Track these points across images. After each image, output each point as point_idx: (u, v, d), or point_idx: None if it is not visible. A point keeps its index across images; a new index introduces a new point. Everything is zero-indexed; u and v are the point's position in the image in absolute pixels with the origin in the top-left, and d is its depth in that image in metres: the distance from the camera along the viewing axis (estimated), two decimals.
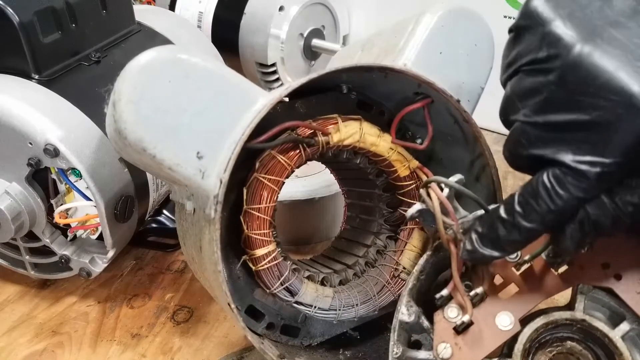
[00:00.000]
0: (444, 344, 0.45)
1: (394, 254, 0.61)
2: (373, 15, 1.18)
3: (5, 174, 0.63)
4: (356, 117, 0.56)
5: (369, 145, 0.56)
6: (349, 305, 0.59)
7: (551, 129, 0.39)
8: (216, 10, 1.09)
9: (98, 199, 0.61)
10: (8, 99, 0.60)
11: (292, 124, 0.53)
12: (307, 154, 0.54)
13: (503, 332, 0.45)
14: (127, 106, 0.45)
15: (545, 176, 0.39)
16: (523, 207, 0.40)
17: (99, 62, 0.69)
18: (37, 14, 0.62)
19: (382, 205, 0.63)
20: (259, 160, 0.53)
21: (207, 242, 0.48)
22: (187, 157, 0.46)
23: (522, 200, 0.40)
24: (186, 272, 0.76)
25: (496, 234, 0.42)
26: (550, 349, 0.47)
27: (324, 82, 0.55)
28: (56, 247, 0.67)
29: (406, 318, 0.46)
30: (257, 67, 1.09)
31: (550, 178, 0.39)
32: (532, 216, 0.40)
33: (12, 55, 0.63)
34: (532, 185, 0.40)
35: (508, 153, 0.43)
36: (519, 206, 0.41)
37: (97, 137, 0.63)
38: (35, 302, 0.73)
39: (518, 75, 0.41)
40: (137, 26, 0.78)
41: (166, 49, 0.48)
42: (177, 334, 0.68)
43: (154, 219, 0.78)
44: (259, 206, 0.53)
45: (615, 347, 0.45)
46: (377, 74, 0.54)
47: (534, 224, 0.40)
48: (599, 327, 0.46)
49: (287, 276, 0.55)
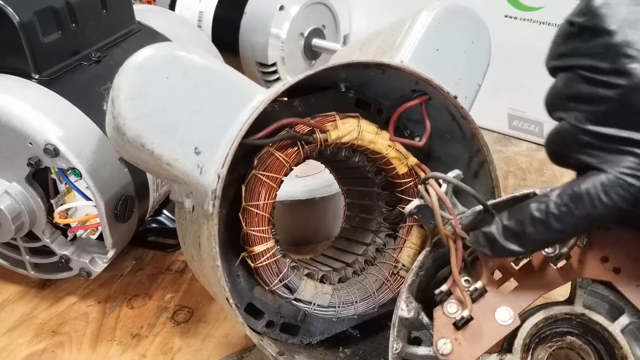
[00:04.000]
0: (443, 340, 0.45)
1: (393, 252, 0.61)
2: (374, 15, 1.18)
3: (5, 174, 0.63)
4: (354, 115, 0.56)
5: (367, 143, 0.56)
6: (348, 302, 0.59)
7: (604, 140, 0.39)
8: (216, 10, 1.09)
9: (98, 198, 0.62)
10: (8, 98, 0.60)
11: (290, 121, 0.53)
12: (305, 151, 0.54)
13: (503, 327, 0.45)
14: (125, 102, 0.45)
15: (591, 182, 0.39)
16: (559, 209, 0.40)
17: (99, 62, 0.69)
18: (37, 13, 0.63)
19: (381, 203, 0.63)
20: (258, 157, 0.53)
21: (206, 238, 0.48)
22: (185, 153, 0.47)
23: (559, 202, 0.40)
24: (186, 272, 0.76)
25: (523, 230, 0.42)
26: (550, 344, 0.47)
27: (322, 81, 0.56)
28: (56, 247, 0.67)
29: (406, 314, 0.46)
30: (258, 66, 1.09)
31: (597, 185, 0.39)
32: (567, 219, 0.40)
33: (12, 55, 0.63)
34: (574, 189, 0.40)
35: (552, 151, 0.43)
36: (555, 207, 0.40)
37: (97, 137, 0.63)
38: (35, 302, 0.73)
39: (572, 73, 0.41)
40: (137, 26, 0.78)
41: (164, 46, 0.48)
42: (177, 334, 0.68)
43: (154, 219, 0.78)
44: (257, 203, 0.53)
45: (614, 340, 0.45)
46: (374, 71, 0.55)
47: (567, 227, 0.40)
48: (598, 321, 0.46)
49: (285, 273, 0.55)
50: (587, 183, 0.39)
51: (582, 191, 0.39)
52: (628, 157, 0.38)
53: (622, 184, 0.38)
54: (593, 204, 0.39)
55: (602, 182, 0.38)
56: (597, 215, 0.39)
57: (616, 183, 0.38)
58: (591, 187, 0.39)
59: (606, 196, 0.38)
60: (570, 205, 0.40)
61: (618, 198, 0.38)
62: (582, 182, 0.39)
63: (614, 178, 0.38)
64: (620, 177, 0.38)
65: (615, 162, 0.38)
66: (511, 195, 0.50)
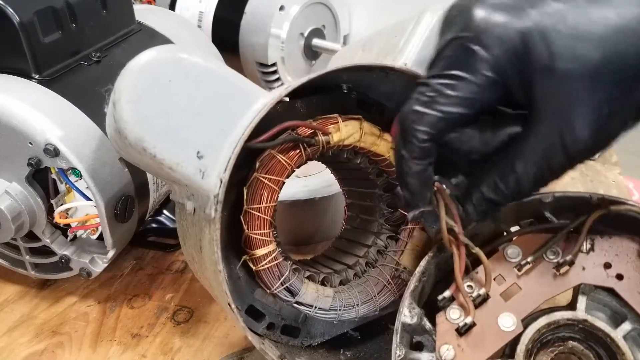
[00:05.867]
0: (446, 346, 0.45)
1: (394, 254, 0.61)
2: (374, 15, 1.18)
3: (5, 174, 0.63)
4: (356, 117, 0.56)
5: (369, 145, 0.56)
6: (349, 305, 0.59)
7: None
8: (216, 10, 1.09)
9: (98, 198, 0.61)
10: (8, 98, 0.60)
11: (292, 124, 0.52)
12: (307, 153, 0.54)
13: (505, 333, 0.45)
14: (127, 106, 0.45)
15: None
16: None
17: (99, 62, 0.69)
18: (37, 13, 0.62)
19: (383, 205, 0.63)
20: (259, 160, 0.53)
21: (207, 242, 0.48)
22: (187, 157, 0.46)
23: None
24: (186, 272, 0.76)
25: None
26: (552, 349, 0.47)
27: (325, 82, 0.55)
28: (56, 247, 0.67)
29: (408, 320, 0.46)
30: (258, 66, 1.09)
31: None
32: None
33: (12, 55, 0.62)
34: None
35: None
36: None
37: (97, 137, 0.63)
38: (35, 302, 0.72)
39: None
40: (138, 26, 0.77)
41: (166, 49, 0.48)
42: (177, 334, 0.68)
43: (154, 219, 0.78)
44: (259, 206, 0.53)
45: (617, 347, 0.45)
46: (377, 74, 0.54)
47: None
48: (600, 327, 0.46)
49: (287, 276, 0.55)
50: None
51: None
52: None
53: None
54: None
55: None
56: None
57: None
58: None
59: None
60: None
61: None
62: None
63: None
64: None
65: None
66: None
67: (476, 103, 0.41)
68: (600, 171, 0.95)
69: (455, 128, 0.43)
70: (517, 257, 0.48)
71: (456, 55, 0.41)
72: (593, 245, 0.47)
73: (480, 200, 0.44)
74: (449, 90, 0.41)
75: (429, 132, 0.42)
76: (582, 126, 0.39)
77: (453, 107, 0.41)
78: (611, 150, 1.00)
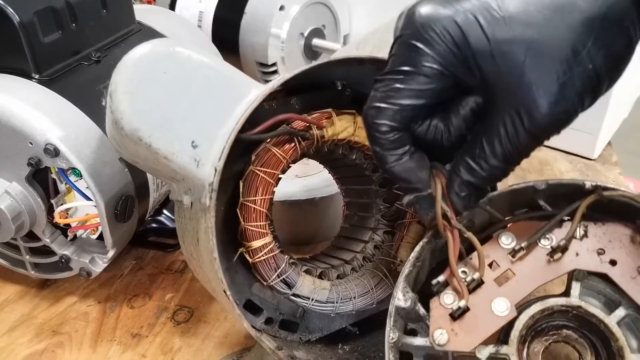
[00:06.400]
0: (440, 330, 0.45)
1: (391, 248, 0.61)
2: (374, 15, 1.18)
3: (5, 173, 0.64)
4: (350, 112, 0.56)
5: (363, 140, 0.56)
6: (346, 298, 0.59)
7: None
8: (216, 10, 1.09)
9: (98, 198, 0.62)
10: (8, 98, 0.61)
11: (286, 117, 0.53)
12: (302, 147, 0.54)
13: (499, 318, 0.45)
14: (123, 97, 0.46)
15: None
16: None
17: (99, 62, 0.70)
18: (37, 13, 0.63)
19: (379, 200, 0.63)
20: (255, 153, 0.53)
21: (204, 231, 0.49)
22: (182, 147, 0.47)
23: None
24: (186, 272, 0.77)
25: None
26: (547, 338, 0.47)
27: (319, 79, 0.56)
28: (56, 247, 0.67)
29: (402, 304, 0.46)
30: (258, 66, 1.09)
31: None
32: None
33: (12, 55, 0.63)
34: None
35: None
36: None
37: (97, 136, 0.63)
38: (35, 302, 0.73)
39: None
40: (138, 26, 0.78)
41: (161, 42, 0.49)
42: (177, 334, 0.68)
43: (154, 219, 0.78)
44: (254, 198, 0.53)
45: (611, 332, 0.45)
46: (369, 68, 0.55)
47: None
48: (594, 313, 0.45)
49: (283, 268, 0.55)
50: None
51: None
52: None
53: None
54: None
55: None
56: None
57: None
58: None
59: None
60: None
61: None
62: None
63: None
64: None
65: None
66: (509, 188, 0.50)
67: (427, 93, 0.43)
68: (600, 171, 0.95)
69: (416, 119, 0.45)
70: (511, 243, 0.48)
71: (402, 52, 0.43)
72: (586, 232, 0.48)
73: (460, 185, 0.45)
74: (399, 84, 0.43)
75: (390, 125, 0.44)
76: (536, 100, 0.40)
77: (406, 100, 0.43)
78: (611, 150, 1.00)
